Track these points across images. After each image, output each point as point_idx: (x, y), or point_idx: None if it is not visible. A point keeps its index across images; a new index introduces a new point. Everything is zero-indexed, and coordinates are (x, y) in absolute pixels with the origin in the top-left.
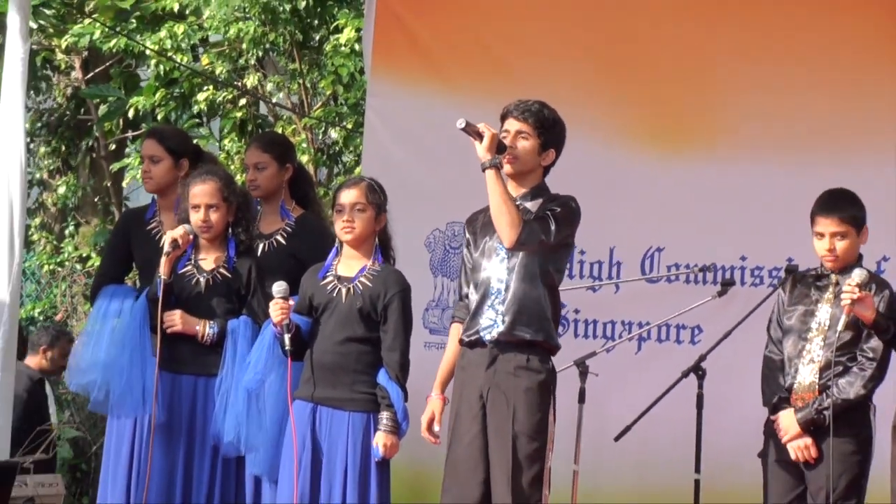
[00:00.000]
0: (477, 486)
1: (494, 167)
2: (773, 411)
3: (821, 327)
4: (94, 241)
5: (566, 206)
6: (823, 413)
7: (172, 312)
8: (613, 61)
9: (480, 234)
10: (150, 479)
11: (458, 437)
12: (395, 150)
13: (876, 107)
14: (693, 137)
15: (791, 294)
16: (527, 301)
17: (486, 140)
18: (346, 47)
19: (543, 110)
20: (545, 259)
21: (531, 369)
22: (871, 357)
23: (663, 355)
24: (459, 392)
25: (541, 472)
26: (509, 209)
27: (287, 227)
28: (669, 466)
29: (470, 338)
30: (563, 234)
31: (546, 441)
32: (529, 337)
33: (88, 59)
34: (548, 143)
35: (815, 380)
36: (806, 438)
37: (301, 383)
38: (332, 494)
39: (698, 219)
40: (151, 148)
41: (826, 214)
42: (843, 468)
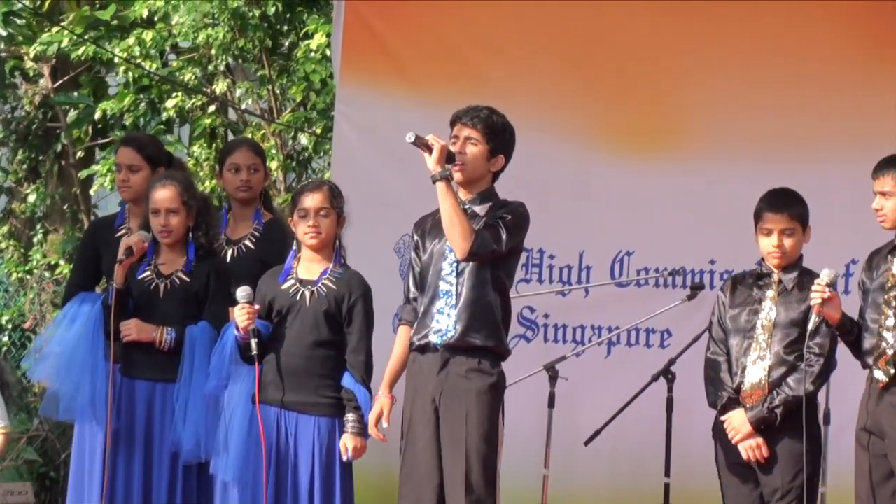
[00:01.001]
0: (432, 491)
1: (444, 179)
2: (722, 412)
3: (767, 326)
4: (63, 249)
5: (516, 212)
6: (775, 411)
7: (128, 322)
8: (583, 66)
9: (429, 237)
10: (108, 486)
11: (411, 442)
12: (365, 156)
13: (845, 114)
14: (663, 142)
15: (732, 296)
16: (478, 307)
17: (436, 152)
18: (317, 53)
19: (492, 116)
20: (496, 265)
21: (483, 372)
22: (819, 353)
23: (633, 359)
24: (412, 398)
25: (493, 474)
26: (461, 220)
27: (255, 231)
28: (639, 470)
29: (420, 342)
30: (513, 241)
31: (497, 444)
32: (480, 343)
33: (57, 66)
34: (497, 148)
35: (764, 378)
36: (757, 438)
37: (266, 387)
38: (297, 498)
39: (668, 223)
40: (130, 157)
41: (775, 211)
42: (798, 468)
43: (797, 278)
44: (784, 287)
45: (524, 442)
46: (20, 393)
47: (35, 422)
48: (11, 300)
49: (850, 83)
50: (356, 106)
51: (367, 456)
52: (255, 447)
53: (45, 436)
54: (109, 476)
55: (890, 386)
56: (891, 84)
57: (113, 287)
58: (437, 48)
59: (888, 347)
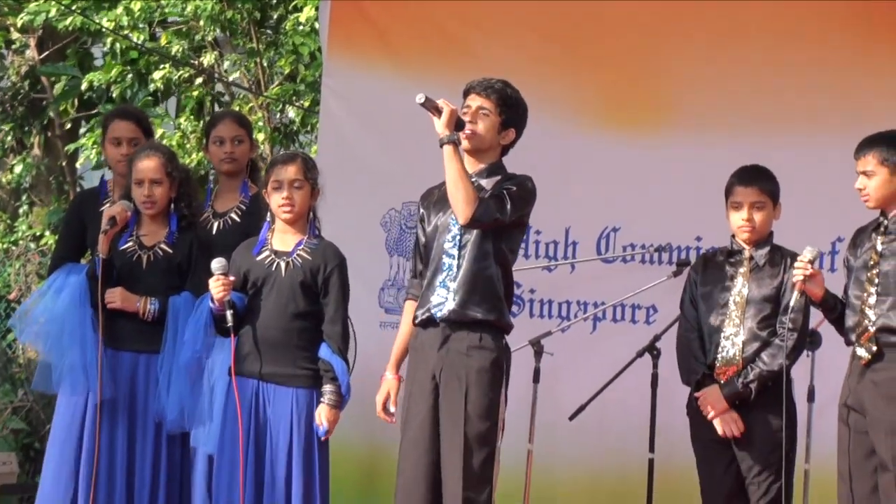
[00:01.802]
0: (429, 467)
1: (452, 143)
2: (696, 388)
3: (739, 302)
4: (49, 221)
5: (522, 185)
6: (749, 386)
7: (113, 290)
8: (570, 42)
9: (434, 210)
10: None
11: (410, 418)
12: (352, 130)
13: (831, 92)
14: (650, 118)
15: (704, 273)
16: (479, 280)
17: (445, 115)
18: (306, 26)
19: (507, 89)
20: (499, 238)
21: (484, 348)
22: (792, 328)
23: (618, 335)
24: (413, 373)
25: (492, 452)
26: (465, 185)
27: (242, 204)
28: (624, 446)
29: (422, 316)
30: (518, 212)
31: (497, 421)
32: (481, 316)
33: (44, 37)
34: (508, 121)
35: (738, 353)
36: (732, 413)
37: (243, 360)
38: (275, 470)
39: (654, 199)
40: (132, 130)
41: (746, 185)
42: (774, 443)
43: (768, 254)
44: (756, 263)
45: (510, 416)
46: (5, 364)
47: (20, 392)
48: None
49: (837, 62)
50: (343, 80)
51: (352, 428)
52: (234, 419)
53: (29, 406)
54: (92, 447)
55: (872, 363)
56: (875, 62)
57: (99, 258)
58: (424, 23)
59: (870, 325)
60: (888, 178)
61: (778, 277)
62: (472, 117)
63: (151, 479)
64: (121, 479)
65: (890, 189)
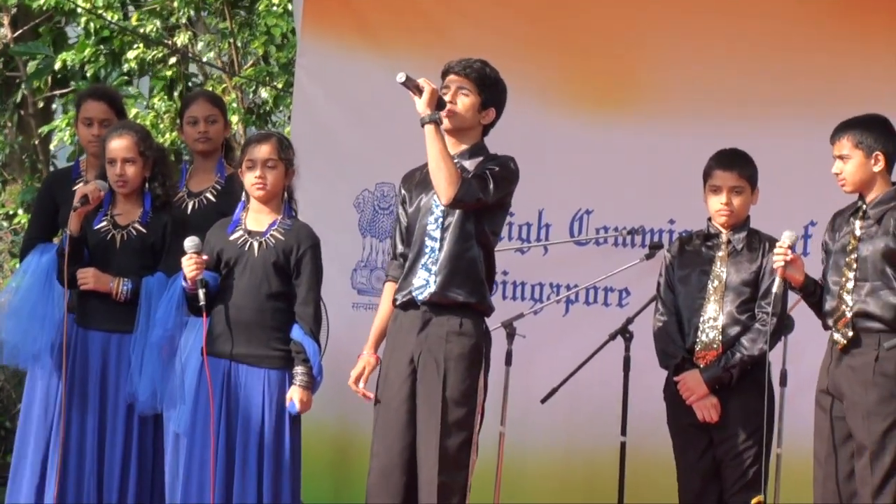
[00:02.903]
0: (404, 450)
1: (433, 122)
2: (675, 373)
3: (718, 286)
4: (22, 199)
5: (505, 166)
6: (731, 371)
7: (86, 270)
8: (543, 25)
9: (416, 192)
10: (64, 436)
11: (386, 401)
12: (325, 111)
13: (806, 75)
14: (623, 102)
15: (680, 257)
16: (461, 262)
17: (426, 95)
18: (279, 7)
19: (486, 68)
20: (481, 219)
21: (464, 334)
22: (772, 313)
23: (591, 318)
24: (389, 356)
25: (469, 437)
26: (447, 165)
27: (217, 184)
28: (596, 429)
29: (403, 299)
30: (500, 193)
31: (475, 406)
32: (462, 299)
33: (17, 16)
34: (488, 101)
35: (718, 338)
36: (712, 398)
37: (215, 340)
38: (247, 450)
39: (627, 182)
40: (103, 111)
41: (725, 169)
42: (753, 427)
43: (745, 239)
44: (733, 247)
45: None
46: None
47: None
48: None
49: (812, 45)
50: (317, 59)
51: (325, 408)
52: (205, 399)
53: (0, 386)
54: (64, 425)
55: (849, 348)
56: (851, 46)
57: (67, 234)
58: (400, 3)
59: (848, 310)
60: (863, 162)
61: (756, 262)
62: (452, 97)
63: (122, 458)
64: (90, 459)
65: (865, 173)
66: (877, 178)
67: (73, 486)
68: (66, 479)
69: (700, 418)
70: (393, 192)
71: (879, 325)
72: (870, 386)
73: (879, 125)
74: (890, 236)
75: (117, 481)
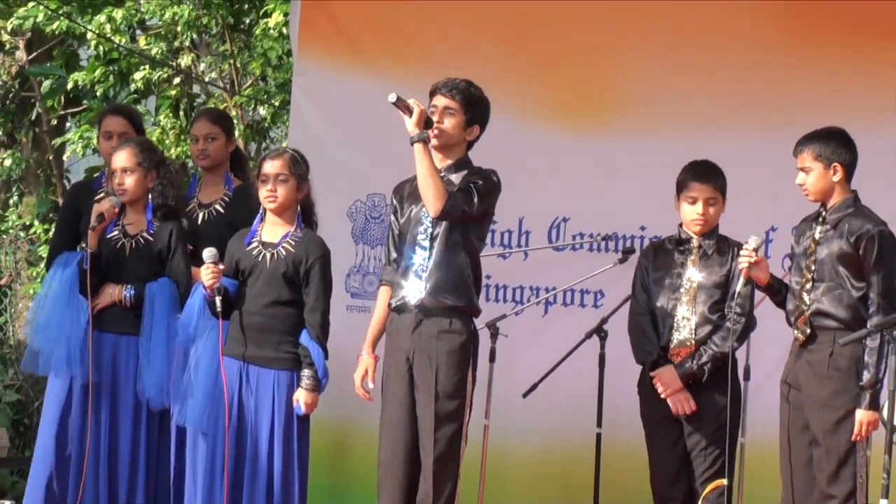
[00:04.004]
0: (408, 442)
1: (422, 141)
2: (651, 369)
3: (690, 288)
4: (37, 211)
5: (488, 179)
6: (703, 367)
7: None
8: (523, 46)
9: (407, 202)
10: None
11: (388, 397)
12: (320, 127)
13: (766, 89)
14: (597, 117)
15: (655, 261)
16: (449, 268)
17: (416, 115)
18: (274, 31)
19: (470, 88)
20: (467, 229)
21: (453, 332)
22: (740, 313)
23: (568, 318)
24: (389, 356)
25: (460, 427)
26: (435, 181)
27: (225, 196)
28: (573, 421)
29: (397, 303)
30: (484, 204)
31: (465, 399)
32: (451, 302)
33: (32, 40)
34: (473, 119)
35: (691, 336)
36: (686, 392)
37: (230, 342)
38: (258, 446)
39: (601, 191)
40: (122, 126)
41: (702, 181)
42: (721, 419)
43: (715, 244)
44: (704, 252)
45: None
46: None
47: (10, 371)
48: None
49: (771, 61)
50: (312, 79)
51: (325, 408)
52: (219, 398)
53: (19, 385)
54: (81, 424)
55: (807, 344)
56: (807, 62)
57: (87, 252)
58: (388, 26)
59: (806, 309)
60: (823, 173)
61: (726, 265)
62: (439, 116)
63: (131, 452)
64: (103, 453)
65: (826, 182)
66: (836, 186)
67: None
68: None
69: (674, 411)
70: (384, 203)
71: (834, 322)
72: (824, 379)
73: (837, 138)
74: (844, 240)
75: (127, 474)
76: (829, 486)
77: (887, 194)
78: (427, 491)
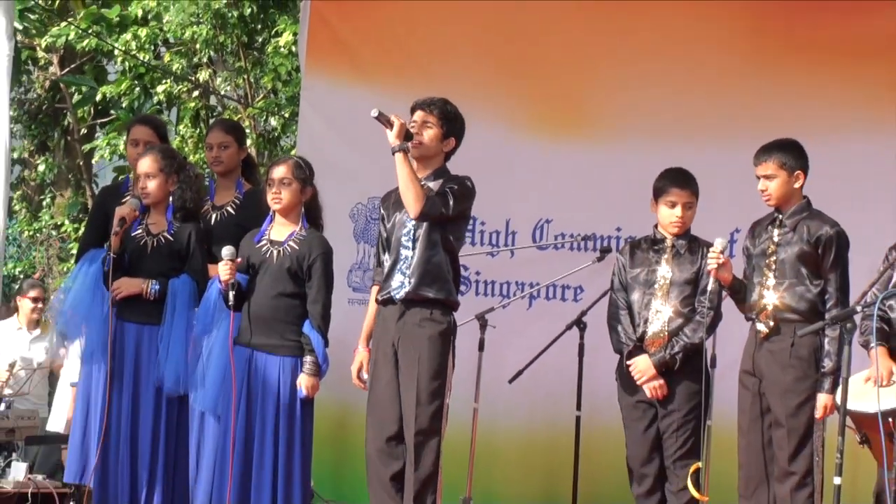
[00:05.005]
0: (394, 422)
1: (402, 151)
2: (628, 357)
3: (663, 284)
4: (68, 211)
5: (463, 184)
6: (675, 356)
7: (118, 281)
8: (509, 61)
9: (392, 210)
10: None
11: (376, 379)
12: (326, 136)
13: (725, 103)
14: (577, 128)
15: (631, 259)
16: (430, 265)
17: (396, 128)
18: (284, 49)
19: (447, 105)
20: (445, 229)
21: (434, 320)
22: (709, 307)
23: (551, 311)
24: (377, 343)
25: (440, 407)
26: (415, 186)
27: (236, 199)
28: (555, 405)
29: (383, 297)
30: (460, 207)
31: (445, 381)
32: (432, 296)
33: (65, 56)
34: (449, 132)
35: (664, 328)
36: (659, 379)
37: (240, 331)
38: (265, 426)
39: (581, 196)
40: (148, 135)
41: (681, 187)
42: (692, 404)
43: (687, 244)
44: (677, 251)
45: (458, 380)
46: None
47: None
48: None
49: (737, 76)
50: (319, 93)
51: (326, 391)
52: (230, 383)
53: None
54: (106, 407)
55: (769, 336)
56: (769, 77)
57: (110, 257)
58: (388, 44)
59: (768, 304)
60: (786, 180)
61: (697, 264)
62: (418, 129)
63: (152, 433)
64: (125, 433)
65: (788, 189)
66: (795, 192)
67: (113, 457)
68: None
69: (649, 397)
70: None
71: (795, 316)
72: (787, 367)
73: (797, 148)
74: (804, 242)
75: (148, 454)
76: (790, 465)
77: (832, 202)
78: (410, 461)
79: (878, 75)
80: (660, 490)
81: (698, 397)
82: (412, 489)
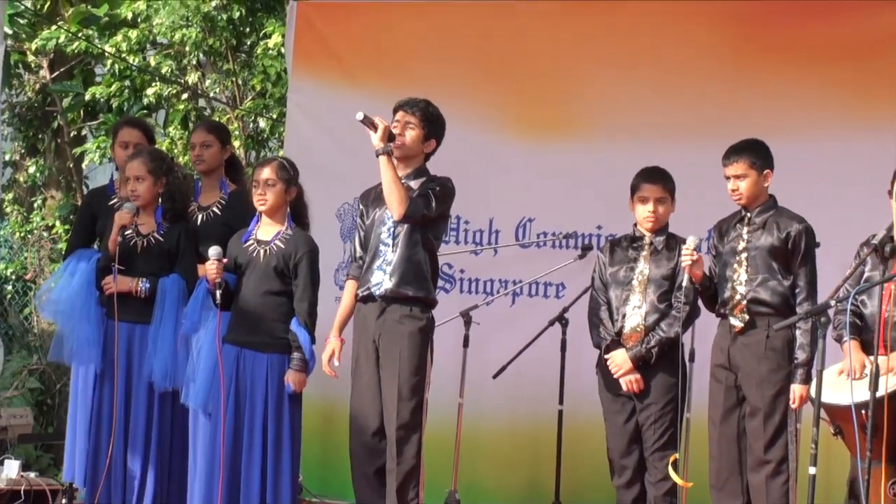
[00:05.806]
0: (376, 416)
1: (386, 153)
2: (606, 351)
3: (642, 280)
4: (59, 213)
5: (444, 185)
6: (651, 350)
7: (108, 278)
8: (492, 63)
9: (371, 206)
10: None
11: (358, 375)
12: (313, 137)
13: (701, 105)
14: (558, 129)
15: (611, 256)
16: (410, 264)
17: (380, 131)
18: (273, 50)
19: (429, 107)
20: (426, 229)
21: (413, 317)
22: (685, 302)
23: (533, 308)
24: (358, 340)
25: (420, 401)
26: (398, 188)
27: (221, 199)
28: (538, 399)
29: (363, 294)
30: (440, 207)
31: (425, 376)
32: (412, 293)
33: (54, 59)
34: (430, 133)
35: (641, 323)
36: (636, 373)
37: (228, 329)
38: (254, 423)
39: (563, 194)
40: (137, 137)
41: (652, 182)
42: (670, 397)
43: (665, 241)
44: (655, 248)
45: (443, 375)
46: (22, 333)
47: (34, 357)
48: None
49: (716, 78)
50: (306, 95)
51: (314, 386)
52: (219, 380)
53: (42, 369)
54: (97, 403)
55: (744, 330)
56: (746, 80)
57: (115, 268)
58: (372, 47)
59: (742, 299)
60: (756, 179)
61: (673, 260)
62: (400, 130)
63: (145, 428)
64: (119, 428)
65: (758, 188)
66: (763, 191)
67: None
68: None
69: (626, 390)
70: None
71: (768, 309)
72: (762, 359)
73: (764, 148)
74: (774, 237)
75: (141, 447)
76: (766, 453)
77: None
78: (392, 454)
79: (860, 77)
80: (639, 481)
81: (675, 390)
82: (395, 482)
